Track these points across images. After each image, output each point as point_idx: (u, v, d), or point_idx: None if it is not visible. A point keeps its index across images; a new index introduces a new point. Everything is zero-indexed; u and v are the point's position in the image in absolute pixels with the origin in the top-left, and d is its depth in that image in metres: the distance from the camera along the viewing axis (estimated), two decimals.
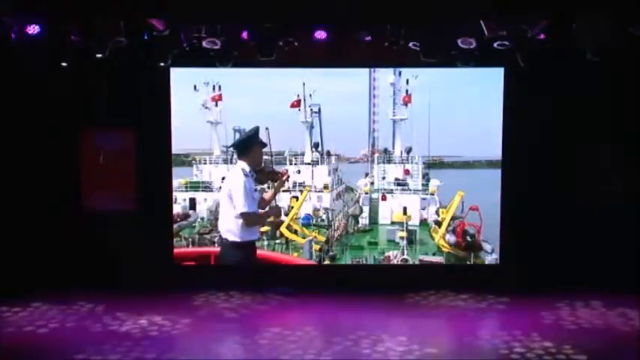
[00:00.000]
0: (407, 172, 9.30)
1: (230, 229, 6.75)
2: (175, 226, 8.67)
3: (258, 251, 8.38)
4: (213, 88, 8.93)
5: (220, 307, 7.76)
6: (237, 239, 6.75)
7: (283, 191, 8.47)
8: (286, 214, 8.90)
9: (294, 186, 9.01)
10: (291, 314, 7.53)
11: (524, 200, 8.26)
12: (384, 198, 9.28)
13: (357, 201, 9.52)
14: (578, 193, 8.23)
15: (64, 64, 7.20)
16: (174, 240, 8.53)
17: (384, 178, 9.37)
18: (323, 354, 6.22)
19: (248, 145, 6.74)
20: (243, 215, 6.65)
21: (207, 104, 9.18)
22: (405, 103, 9.04)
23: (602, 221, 8.21)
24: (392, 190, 9.29)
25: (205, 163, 9.30)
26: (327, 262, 8.84)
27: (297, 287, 8.22)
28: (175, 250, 8.48)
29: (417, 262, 8.38)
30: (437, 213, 8.52)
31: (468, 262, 8.32)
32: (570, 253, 8.22)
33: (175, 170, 8.39)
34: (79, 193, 8.38)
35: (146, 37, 7.16)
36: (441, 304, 7.91)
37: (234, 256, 6.80)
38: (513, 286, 8.18)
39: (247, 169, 6.71)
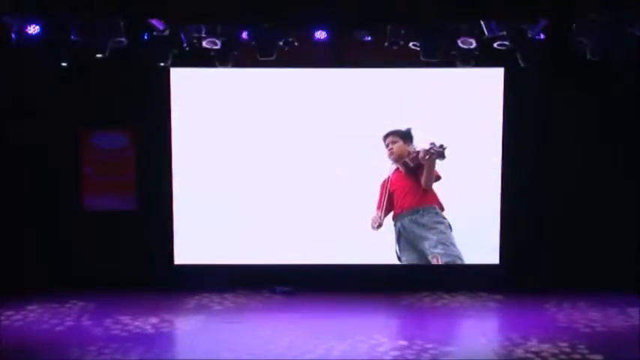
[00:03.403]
0: None
1: None
2: None
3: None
4: None
5: (221, 306, 7.77)
6: None
7: None
8: None
9: None
10: (291, 314, 7.53)
11: (524, 200, 8.26)
12: None
13: None
14: (578, 193, 8.23)
15: (64, 64, 7.20)
16: None
17: None
18: (323, 354, 6.22)
19: None
20: None
21: None
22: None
23: (602, 221, 8.22)
24: None
25: None
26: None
27: (297, 287, 8.22)
28: None
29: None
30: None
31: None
32: (570, 253, 8.23)
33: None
34: (79, 193, 8.38)
35: (146, 37, 7.16)
36: (440, 305, 7.92)
37: None
38: (513, 286, 8.19)
39: None
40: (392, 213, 8.42)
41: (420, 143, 8.27)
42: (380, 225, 8.39)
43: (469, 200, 8.25)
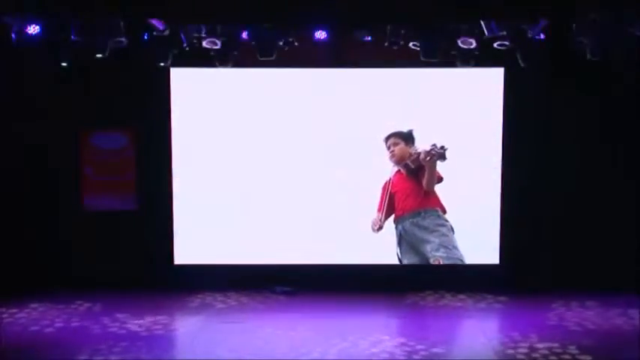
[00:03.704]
0: None
1: None
2: None
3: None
4: None
5: (220, 307, 7.77)
6: None
7: None
8: None
9: None
10: (291, 314, 7.53)
11: (524, 200, 8.26)
12: None
13: None
14: (578, 193, 8.23)
15: (64, 64, 7.20)
16: None
17: None
18: (323, 354, 6.22)
19: None
20: None
21: None
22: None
23: (602, 221, 8.22)
24: None
25: None
26: None
27: (297, 287, 8.23)
28: None
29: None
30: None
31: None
32: (570, 253, 8.23)
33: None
34: (79, 193, 8.38)
35: (146, 37, 7.16)
36: (440, 304, 7.92)
37: None
38: (513, 287, 8.19)
39: None
40: (393, 215, 8.39)
41: (421, 145, 8.25)
42: (380, 228, 8.33)
43: (469, 200, 8.24)
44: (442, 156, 8.09)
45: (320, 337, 6.60)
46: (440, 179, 8.24)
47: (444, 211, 8.27)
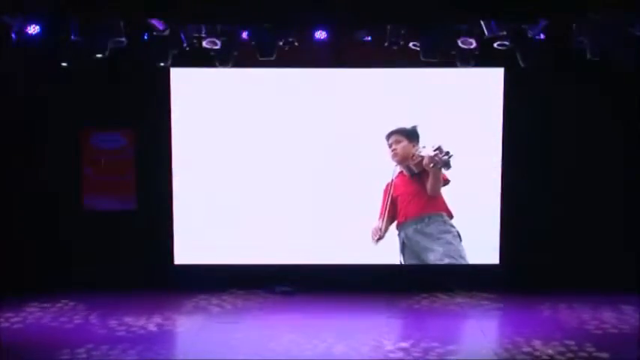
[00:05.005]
0: None
1: None
2: None
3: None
4: None
5: (220, 306, 7.77)
6: None
7: None
8: None
9: None
10: (290, 314, 7.53)
11: (524, 200, 8.26)
12: None
13: None
14: (578, 193, 8.24)
15: (64, 64, 7.20)
16: None
17: None
18: (323, 354, 6.22)
19: None
20: None
21: None
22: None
23: (602, 221, 8.22)
24: None
25: None
26: None
27: (296, 287, 8.23)
28: None
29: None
30: None
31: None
32: (570, 253, 8.23)
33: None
34: (79, 193, 8.38)
35: (146, 37, 7.16)
36: (440, 304, 7.92)
37: None
38: (513, 286, 8.19)
39: None
40: (395, 222, 8.27)
41: (426, 147, 8.07)
42: (380, 238, 8.10)
43: (469, 200, 8.24)
44: (446, 164, 7.92)
45: (320, 337, 6.61)
46: (446, 182, 8.05)
47: (451, 216, 8.06)
